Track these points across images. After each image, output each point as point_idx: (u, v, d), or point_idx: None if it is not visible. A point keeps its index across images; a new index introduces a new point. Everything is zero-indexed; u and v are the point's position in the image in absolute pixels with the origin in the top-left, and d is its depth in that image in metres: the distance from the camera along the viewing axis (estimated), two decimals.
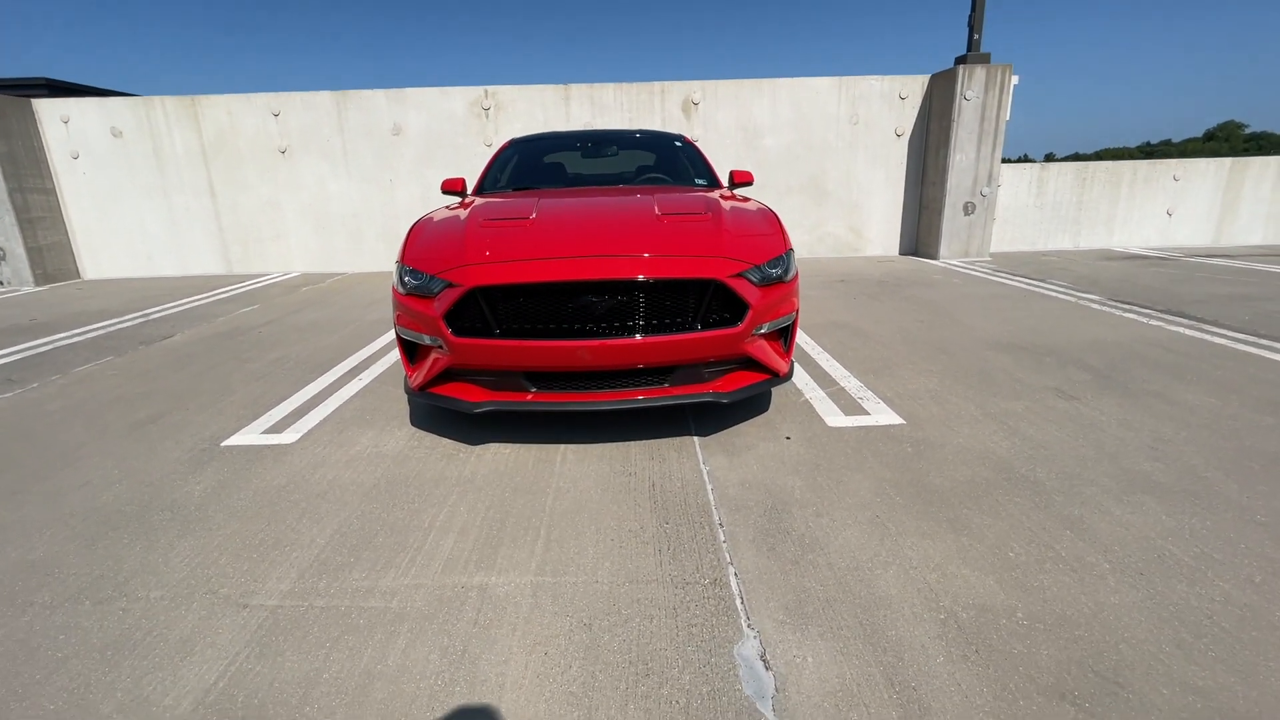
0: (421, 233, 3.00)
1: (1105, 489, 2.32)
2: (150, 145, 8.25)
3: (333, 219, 8.57)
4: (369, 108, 8.19)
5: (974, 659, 1.54)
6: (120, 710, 1.45)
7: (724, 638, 1.64)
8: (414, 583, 1.89)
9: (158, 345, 4.84)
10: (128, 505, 2.40)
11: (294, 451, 2.83)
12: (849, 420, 3.02)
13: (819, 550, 2.00)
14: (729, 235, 2.79)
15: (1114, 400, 3.17)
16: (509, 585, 1.87)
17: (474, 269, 2.56)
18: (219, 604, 1.81)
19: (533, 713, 1.42)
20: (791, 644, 1.61)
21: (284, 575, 1.94)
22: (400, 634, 1.68)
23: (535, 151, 4.71)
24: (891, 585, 1.83)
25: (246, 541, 2.13)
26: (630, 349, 2.53)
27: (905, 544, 2.03)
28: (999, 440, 2.75)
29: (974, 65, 7.71)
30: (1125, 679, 1.47)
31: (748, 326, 2.63)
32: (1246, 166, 8.97)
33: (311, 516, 2.28)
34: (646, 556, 2.00)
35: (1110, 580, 1.82)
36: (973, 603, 1.74)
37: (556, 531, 2.15)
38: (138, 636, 1.69)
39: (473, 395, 2.69)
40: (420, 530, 2.17)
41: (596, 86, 8.19)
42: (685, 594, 1.81)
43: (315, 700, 1.47)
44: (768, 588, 1.83)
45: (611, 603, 1.79)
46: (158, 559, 2.04)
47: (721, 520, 2.19)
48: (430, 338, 2.67)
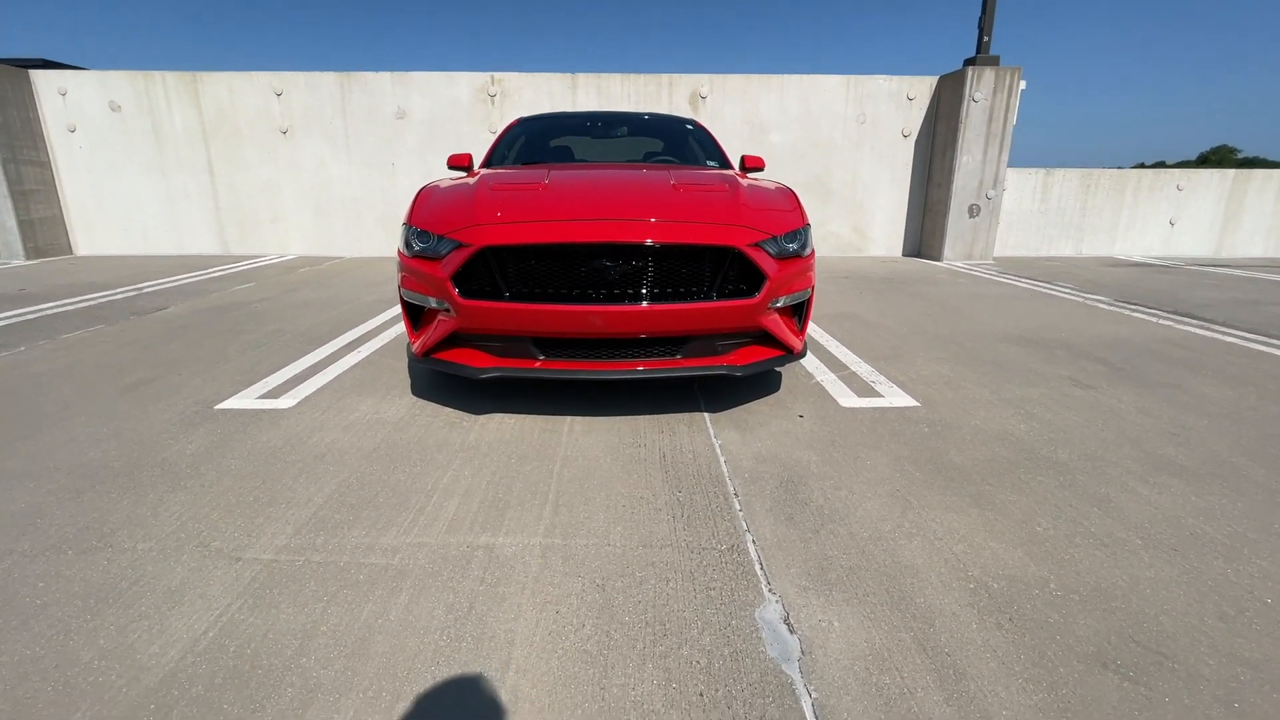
0: (430, 196, 2.91)
1: (1130, 470, 2.26)
2: (149, 121, 8.12)
3: (333, 202, 8.46)
4: (373, 90, 8.10)
5: (1008, 627, 1.47)
6: (102, 657, 1.36)
7: (744, 601, 1.56)
8: (417, 541, 1.80)
9: (150, 316, 4.72)
10: (116, 461, 2.29)
11: (290, 416, 2.74)
12: (862, 401, 2.95)
13: (839, 521, 1.93)
14: (746, 206, 2.72)
15: (1130, 390, 3.12)
16: (517, 546, 1.78)
17: (485, 229, 2.48)
18: (210, 557, 1.72)
19: (545, 670, 1.34)
20: (816, 609, 1.53)
21: (279, 531, 1.85)
22: (403, 590, 1.59)
23: (543, 130, 4.63)
24: (917, 555, 1.75)
25: (240, 498, 2.03)
26: (644, 316, 2.45)
27: (928, 516, 1.95)
28: (1017, 423, 2.69)
29: (983, 67, 7.70)
30: (1169, 650, 1.40)
31: (765, 298, 2.56)
32: (1249, 179, 9.00)
33: (309, 476, 2.18)
34: (660, 523, 1.91)
35: (1144, 556, 1.75)
36: (1002, 574, 1.67)
37: (565, 497, 2.06)
38: (123, 586, 1.59)
39: (478, 361, 2.61)
40: (423, 492, 2.08)
41: (604, 76, 8.13)
42: (702, 559, 1.73)
43: (312, 652, 1.38)
44: (787, 555, 1.75)
45: (625, 565, 1.70)
46: (146, 513, 1.94)
47: (736, 491, 2.11)
48: (436, 300, 2.58)
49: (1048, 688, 1.29)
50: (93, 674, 1.31)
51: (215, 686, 1.28)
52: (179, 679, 1.30)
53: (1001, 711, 1.23)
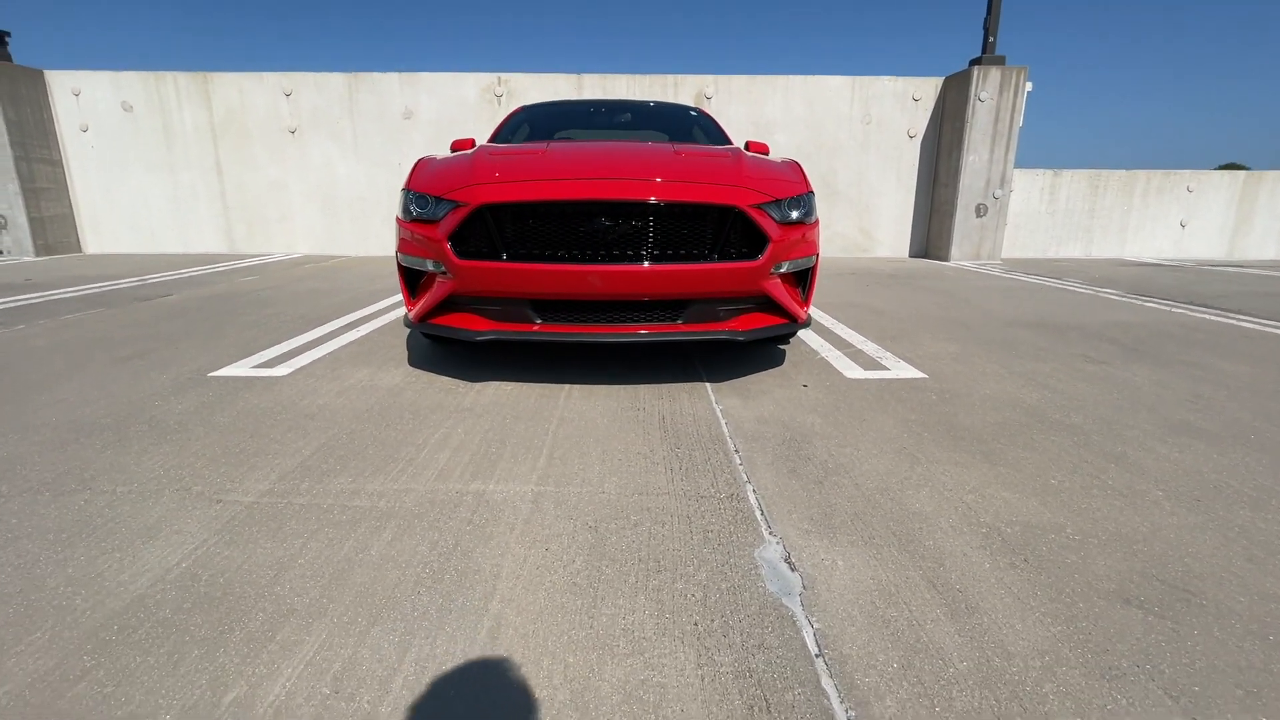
0: (429, 163, 2.88)
1: (1148, 432, 2.17)
2: (160, 121, 8.22)
3: (339, 201, 8.51)
4: (381, 90, 8.17)
5: (1023, 567, 1.39)
6: (69, 583, 1.30)
7: (743, 542, 1.48)
8: (404, 488, 1.74)
9: (153, 302, 4.71)
10: (104, 419, 2.25)
11: (285, 383, 2.69)
12: (868, 374, 2.88)
13: (844, 474, 1.85)
14: (749, 171, 2.67)
15: (1146, 366, 3.03)
16: (508, 492, 1.72)
17: (482, 188, 2.44)
18: (190, 499, 1.66)
19: (530, 600, 1.26)
20: (819, 549, 1.45)
21: (263, 478, 1.79)
22: (386, 529, 1.52)
23: (547, 115, 4.63)
24: (925, 503, 1.67)
25: (226, 450, 1.98)
26: (644, 276, 2.40)
27: (937, 470, 1.87)
28: (1028, 392, 2.61)
29: (989, 67, 7.69)
30: (1196, 588, 1.31)
31: (767, 261, 2.50)
32: (1260, 180, 8.91)
33: (298, 432, 2.13)
34: (657, 474, 1.84)
35: (1166, 505, 1.66)
36: (1016, 520, 1.59)
37: (560, 451, 2.00)
38: (98, 523, 1.54)
39: (475, 324, 2.55)
40: (413, 446, 2.02)
41: (609, 77, 8.17)
42: (699, 505, 1.66)
43: (287, 582, 1.31)
44: (790, 503, 1.67)
45: (619, 510, 1.63)
46: (129, 461, 1.89)
47: (737, 448, 2.04)
48: (433, 263, 2.54)
49: (1066, 621, 1.21)
50: (57, 599, 1.25)
51: (183, 610, 1.22)
52: (146, 604, 1.24)
53: (1018, 642, 1.15)
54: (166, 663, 1.09)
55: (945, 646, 1.14)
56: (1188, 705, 1.01)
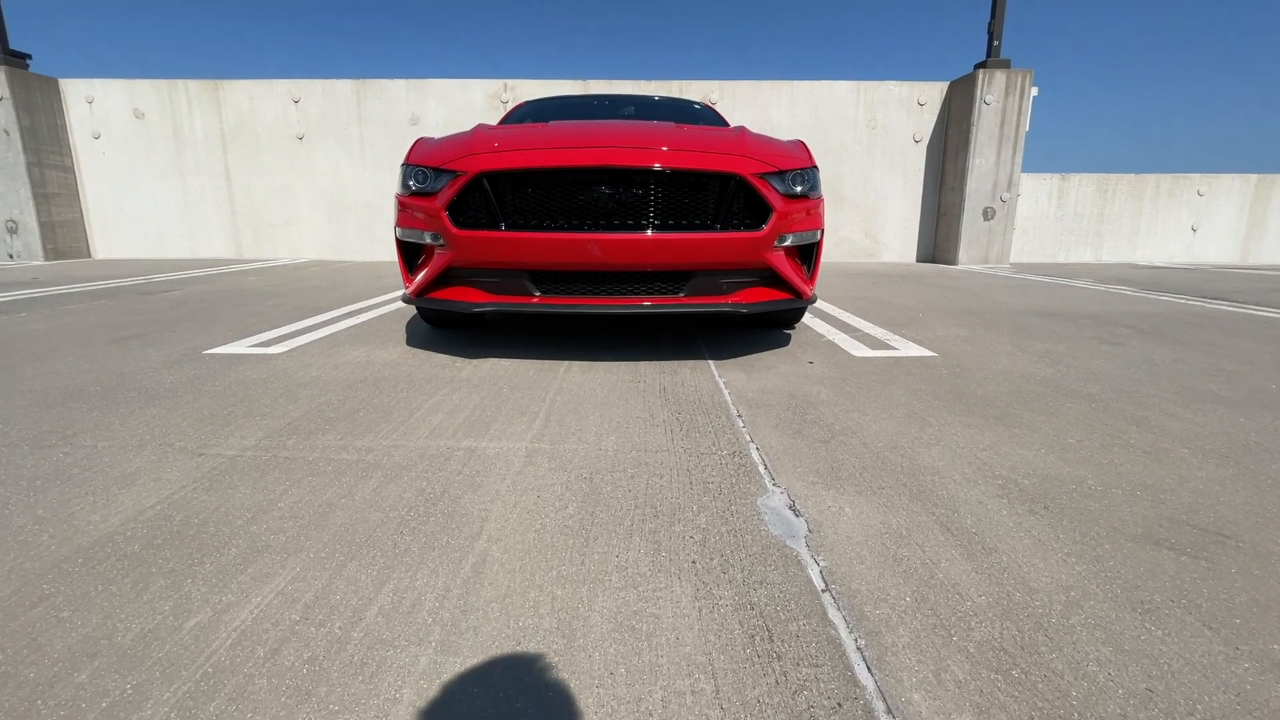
0: (428, 140, 2.86)
1: (1169, 399, 2.08)
2: (170, 127, 8.32)
3: (346, 207, 8.56)
4: (388, 97, 8.25)
5: (1043, 514, 1.30)
6: (37, 523, 1.24)
7: (745, 492, 1.41)
8: (394, 444, 1.67)
9: (156, 296, 4.70)
10: (93, 387, 2.20)
11: (280, 359, 2.64)
12: (875, 353, 2.80)
13: (852, 434, 1.77)
14: (752, 143, 2.63)
15: (1163, 345, 2.94)
16: (501, 448, 1.65)
17: (480, 157, 2.41)
18: (172, 453, 1.60)
19: (518, 540, 1.19)
20: (825, 498, 1.38)
21: (248, 436, 1.73)
22: (371, 478, 1.46)
23: (551, 109, 4.62)
24: (938, 459, 1.59)
25: (214, 414, 1.92)
26: (644, 245, 2.35)
27: (949, 432, 1.79)
28: (1042, 367, 2.52)
29: (994, 70, 7.68)
30: (1231, 531, 1.22)
31: (771, 232, 2.45)
32: (1273, 183, 8.82)
33: (289, 398, 2.08)
34: (656, 434, 1.77)
35: (1193, 461, 1.57)
36: (1033, 473, 1.50)
37: (557, 414, 1.93)
38: (74, 472, 1.48)
39: (473, 297, 2.51)
40: (405, 410, 1.96)
41: (615, 83, 8.22)
42: (699, 461, 1.58)
43: (264, 522, 1.25)
44: (794, 460, 1.60)
45: (615, 464, 1.56)
46: (114, 421, 1.84)
47: (740, 414, 1.97)
48: (431, 235, 2.50)
49: (1092, 560, 1.12)
50: (23, 535, 1.19)
51: (153, 546, 1.15)
52: (115, 540, 1.18)
53: (1040, 578, 1.07)
54: (130, 591, 1.02)
55: (961, 582, 1.06)
56: (1229, 635, 0.93)
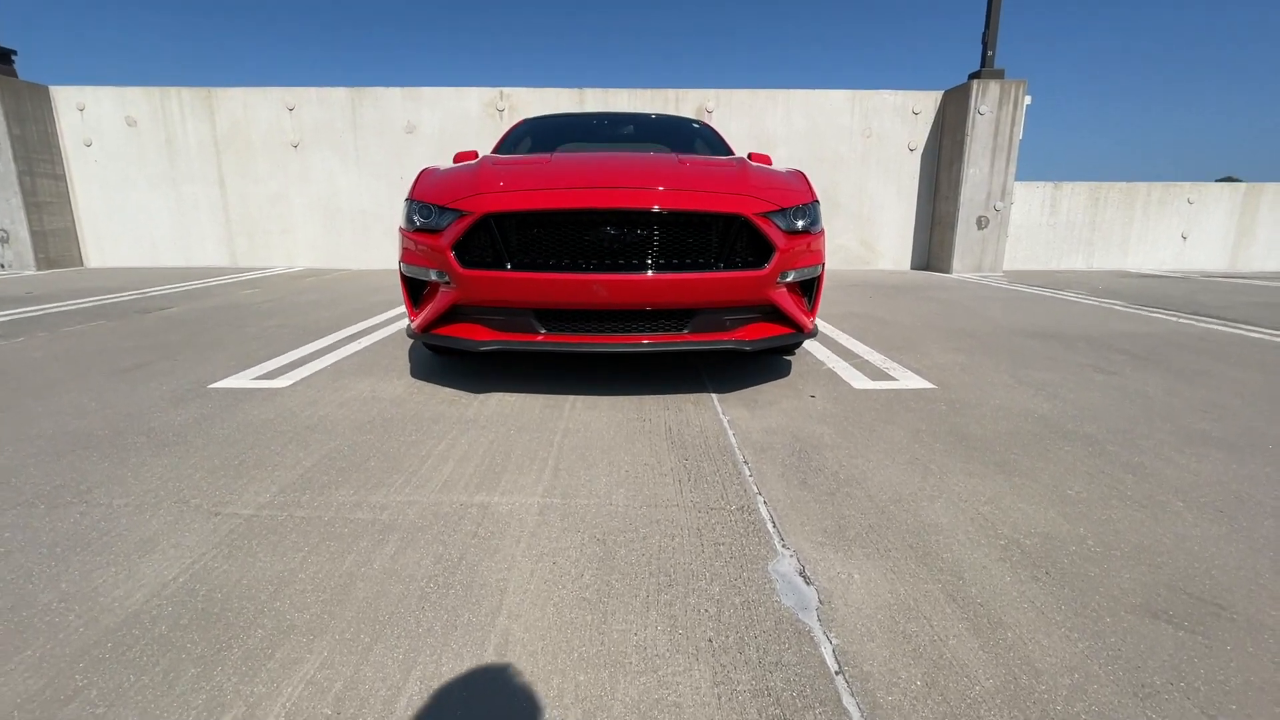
0: (432, 173, 2.87)
1: (1164, 442, 2.13)
2: (163, 135, 8.26)
3: (341, 215, 8.53)
4: (383, 105, 8.22)
5: (1045, 580, 1.34)
6: (62, 599, 1.26)
7: (756, 556, 1.44)
8: (407, 500, 1.70)
9: (152, 315, 4.69)
10: (100, 430, 2.21)
11: (285, 394, 2.66)
12: (876, 384, 2.84)
13: (856, 485, 1.81)
14: (754, 180, 2.66)
15: (1157, 374, 3.00)
16: (513, 504, 1.68)
17: (487, 197, 2.43)
18: (188, 512, 1.62)
19: (539, 616, 1.22)
20: (834, 562, 1.41)
21: (263, 490, 1.75)
22: (389, 542, 1.48)
23: (549, 128, 4.63)
24: (941, 515, 1.63)
25: (225, 462, 1.94)
26: (649, 285, 2.38)
27: (951, 481, 1.83)
28: (1039, 402, 2.57)
29: (988, 80, 7.73)
30: (1226, 601, 1.27)
31: (774, 270, 2.48)
32: (1261, 192, 8.93)
33: (299, 444, 2.09)
34: (665, 485, 1.81)
35: (1188, 516, 1.62)
36: (1035, 531, 1.55)
37: (566, 462, 1.96)
38: (93, 537, 1.50)
39: (479, 335, 2.53)
40: (416, 458, 1.99)
41: (611, 91, 8.22)
42: (710, 518, 1.62)
43: (288, 597, 1.27)
44: (802, 515, 1.64)
45: (628, 522, 1.59)
46: (126, 473, 1.85)
47: (746, 459, 2.00)
48: (436, 272, 2.52)
49: (1094, 636, 1.17)
50: (50, 615, 1.21)
51: (180, 627, 1.18)
52: (141, 620, 1.20)
53: (1045, 658, 1.11)
54: (162, 682, 1.04)
55: (970, 663, 1.10)
56: None
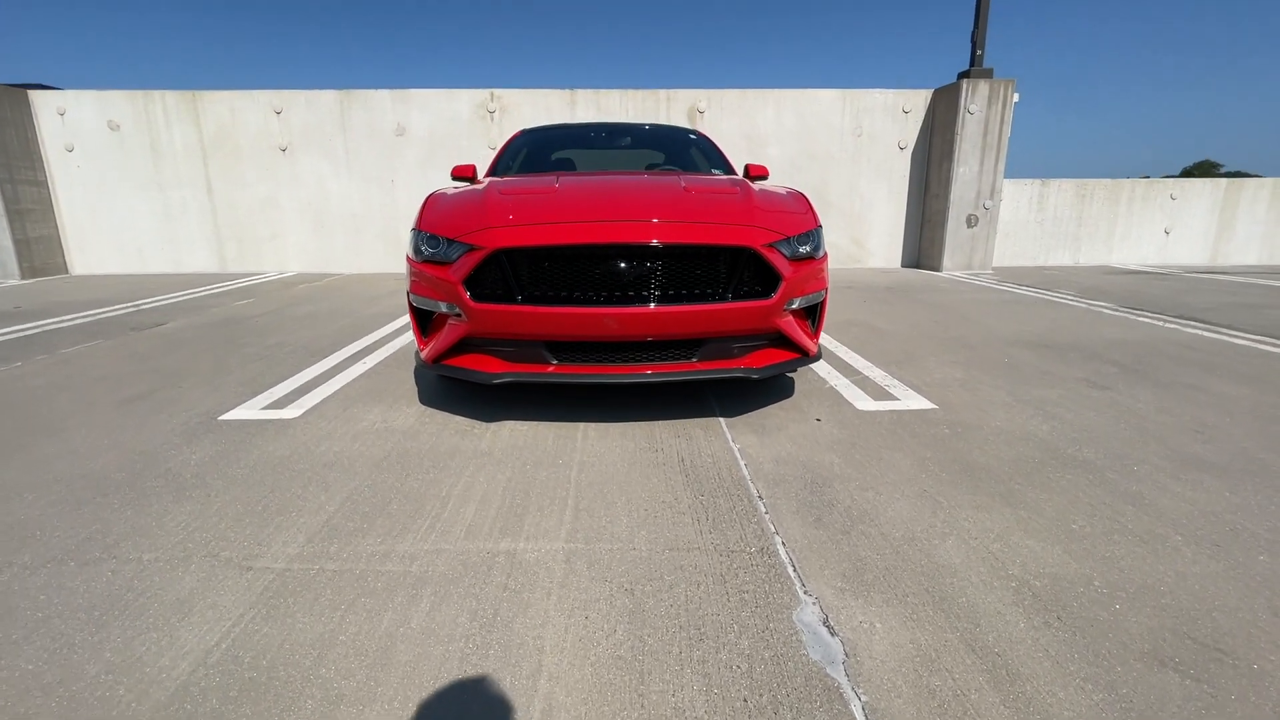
0: (439, 201, 2.88)
1: (1159, 468, 2.21)
2: (147, 140, 8.12)
3: (332, 218, 8.45)
4: (373, 107, 8.13)
5: (1057, 626, 1.41)
6: (109, 671, 1.28)
7: (780, 604, 1.50)
8: (434, 548, 1.73)
9: (149, 331, 4.65)
10: (117, 473, 2.22)
11: (297, 426, 2.67)
12: (879, 405, 2.91)
13: (869, 522, 1.87)
14: (760, 208, 2.70)
15: (1148, 390, 3.09)
16: (539, 551, 1.72)
17: (497, 231, 2.45)
18: (219, 567, 1.65)
19: (578, 677, 1.27)
20: (855, 610, 1.47)
21: (290, 540, 1.78)
22: (423, 597, 1.52)
23: (547, 140, 4.63)
24: (953, 554, 1.69)
25: (248, 507, 1.96)
26: (659, 318, 2.41)
27: (960, 516, 1.90)
28: (1038, 424, 2.65)
29: (977, 79, 7.79)
30: (1228, 646, 1.34)
31: (780, 299, 2.52)
32: (1241, 187, 9.10)
33: (319, 484, 2.12)
34: (684, 526, 1.85)
35: (1186, 552, 1.70)
36: (1044, 572, 1.61)
37: (585, 501, 2.00)
38: (129, 598, 1.52)
39: (490, 366, 2.55)
40: (437, 499, 2.02)
41: (602, 92, 8.19)
42: (731, 561, 1.67)
43: (332, 662, 1.31)
44: (820, 557, 1.69)
45: (652, 568, 1.64)
46: (150, 523, 1.87)
47: (760, 494, 2.06)
48: (447, 305, 2.54)
49: (1107, 687, 1.23)
50: (99, 689, 1.24)
51: (231, 700, 1.21)
52: (192, 693, 1.23)
53: (1063, 713, 1.17)
54: None
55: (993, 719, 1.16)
56: None
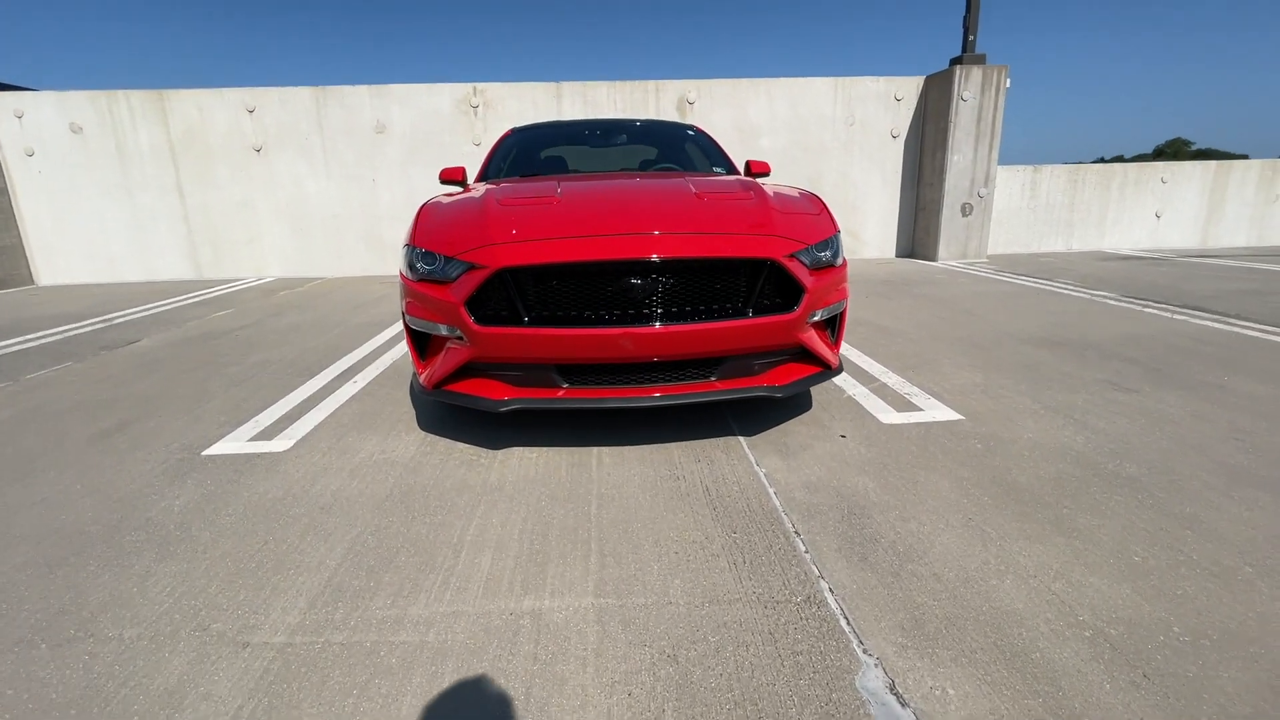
0: (433, 214, 2.69)
1: (1207, 484, 2.11)
2: (113, 142, 7.75)
3: (311, 220, 8.15)
4: (350, 104, 7.82)
5: (1145, 686, 1.29)
6: None
7: (840, 667, 1.36)
8: (451, 610, 1.57)
9: (122, 350, 4.40)
10: (92, 525, 2.03)
11: (288, 460, 2.48)
12: (903, 417, 2.78)
13: (918, 559, 1.74)
14: (778, 214, 2.54)
15: (1174, 393, 2.99)
16: (567, 610, 1.57)
17: (500, 249, 2.27)
18: (212, 643, 1.47)
19: None
20: (923, 672, 1.34)
21: (290, 605, 1.61)
22: (444, 675, 1.36)
23: (540, 139, 4.43)
24: (1015, 598, 1.57)
25: (241, 565, 1.79)
26: (677, 337, 2.26)
27: (1012, 549, 1.78)
28: (1071, 434, 2.54)
29: (970, 66, 7.67)
30: None
31: (804, 312, 2.38)
32: (1230, 170, 9.12)
33: (317, 533, 1.94)
34: (720, 571, 1.71)
35: (1262, 587, 1.59)
36: (1116, 616, 1.50)
37: (609, 544, 1.85)
38: (110, 689, 1.34)
39: (496, 392, 2.38)
40: (449, 547, 1.86)
41: (589, 84, 7.95)
42: (778, 615, 1.53)
43: None
44: (872, 605, 1.56)
45: (694, 628, 1.50)
46: (132, 589, 1.69)
47: (796, 528, 1.92)
48: (447, 328, 2.36)
49: None
50: None
51: None
52: None
53: None
54: None
55: None
56: None
